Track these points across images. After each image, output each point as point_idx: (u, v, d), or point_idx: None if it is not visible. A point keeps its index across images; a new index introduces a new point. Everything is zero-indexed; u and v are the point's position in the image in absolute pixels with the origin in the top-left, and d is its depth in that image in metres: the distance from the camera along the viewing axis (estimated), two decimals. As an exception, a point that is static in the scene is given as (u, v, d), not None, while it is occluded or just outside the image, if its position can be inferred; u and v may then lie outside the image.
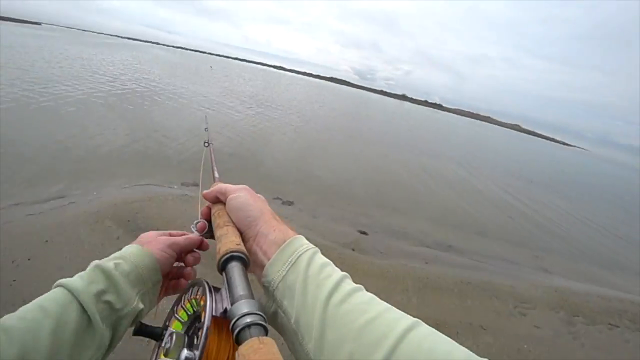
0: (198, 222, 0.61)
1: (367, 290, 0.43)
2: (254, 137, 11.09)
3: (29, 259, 2.70)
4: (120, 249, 0.53)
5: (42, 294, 0.42)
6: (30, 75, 12.88)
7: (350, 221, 5.86)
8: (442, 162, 14.68)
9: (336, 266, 0.46)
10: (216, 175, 0.79)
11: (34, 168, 5.54)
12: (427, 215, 7.36)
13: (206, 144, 1.11)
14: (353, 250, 4.39)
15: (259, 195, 0.59)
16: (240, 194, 0.57)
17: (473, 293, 3.76)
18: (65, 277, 0.46)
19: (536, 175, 19.00)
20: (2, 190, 4.55)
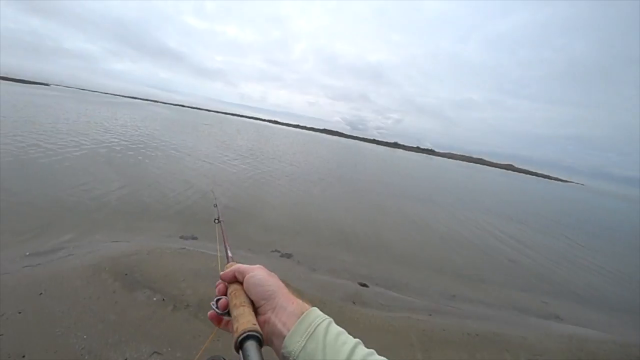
0: (219, 299, 0.63)
1: (371, 346, 0.50)
2: (250, 189, 11.26)
3: (19, 312, 2.62)
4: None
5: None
6: (38, 131, 13.36)
7: (349, 273, 5.74)
8: (437, 209, 14.73)
9: (338, 321, 0.53)
10: (229, 254, 0.83)
11: (35, 219, 5.66)
12: (426, 264, 7.22)
13: (216, 221, 1.09)
14: (354, 303, 4.24)
15: (272, 272, 0.65)
16: (257, 272, 0.63)
17: (482, 346, 3.57)
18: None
19: (534, 216, 18.95)
20: (2, 241, 4.58)
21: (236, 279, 0.65)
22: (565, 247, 11.86)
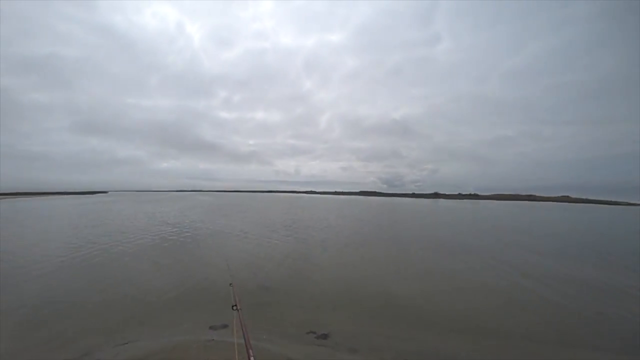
0: None
1: None
2: (285, 264, 10.95)
3: None
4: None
5: None
6: (90, 234, 14.48)
7: (397, 351, 4.94)
8: (494, 262, 13.28)
9: None
10: (252, 354, 0.80)
11: (64, 325, 5.72)
12: (491, 330, 5.95)
13: (234, 308, 1.01)
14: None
15: None
16: None
17: None
18: None
19: (618, 251, 16.40)
20: (34, 352, 4.61)
21: None
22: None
